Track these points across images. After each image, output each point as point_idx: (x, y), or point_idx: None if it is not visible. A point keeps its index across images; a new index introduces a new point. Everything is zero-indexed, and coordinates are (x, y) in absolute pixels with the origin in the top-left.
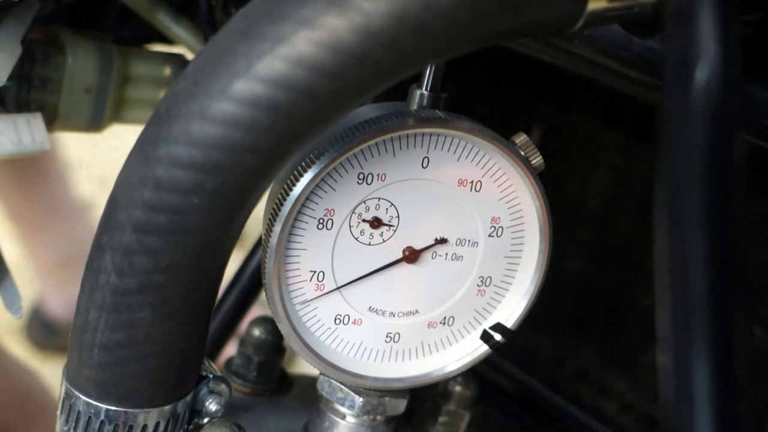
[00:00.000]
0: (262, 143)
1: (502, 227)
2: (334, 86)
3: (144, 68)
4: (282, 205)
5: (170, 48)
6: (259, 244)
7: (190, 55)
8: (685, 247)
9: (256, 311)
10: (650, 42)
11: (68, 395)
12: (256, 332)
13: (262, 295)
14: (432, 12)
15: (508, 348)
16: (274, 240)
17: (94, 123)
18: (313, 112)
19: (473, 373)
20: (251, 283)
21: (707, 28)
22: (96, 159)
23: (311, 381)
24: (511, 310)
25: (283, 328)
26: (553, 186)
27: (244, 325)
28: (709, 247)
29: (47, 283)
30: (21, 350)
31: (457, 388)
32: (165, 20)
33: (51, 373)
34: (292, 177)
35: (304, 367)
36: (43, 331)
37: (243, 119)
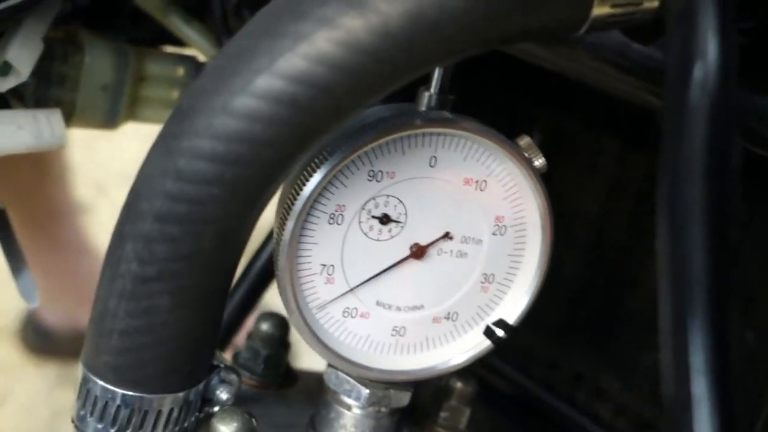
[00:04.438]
0: (282, 137)
1: (505, 226)
2: (352, 83)
3: (158, 68)
4: (295, 201)
5: (180, 50)
6: (268, 241)
7: (201, 57)
8: (683, 241)
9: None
10: (648, 50)
11: (86, 380)
12: (264, 326)
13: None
14: (446, 14)
15: (506, 350)
16: (287, 235)
17: (110, 120)
18: (331, 108)
19: (472, 374)
20: (260, 277)
21: (707, 31)
22: (93, 164)
23: (315, 376)
24: (513, 306)
25: (294, 319)
26: (550, 190)
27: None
28: (707, 241)
29: (42, 288)
30: (15, 354)
31: (459, 385)
32: (177, 22)
33: (45, 377)
34: (304, 174)
35: (306, 364)
36: (37, 336)
37: (264, 114)
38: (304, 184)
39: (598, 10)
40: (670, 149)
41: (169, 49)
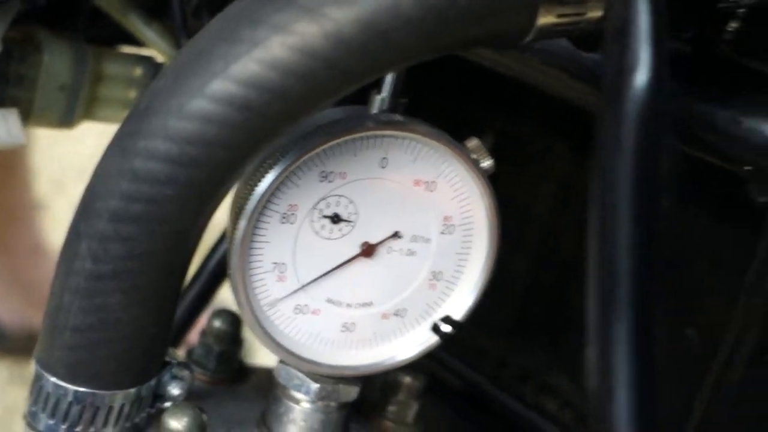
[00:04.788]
0: (235, 139)
1: (453, 225)
2: (305, 88)
3: (116, 68)
4: (248, 200)
5: (139, 50)
6: (222, 240)
7: (160, 57)
8: (612, 242)
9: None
10: (596, 56)
11: (38, 377)
12: (217, 323)
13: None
14: (399, 21)
15: (456, 347)
16: (239, 234)
17: (67, 120)
18: (284, 112)
19: (423, 370)
20: (214, 275)
21: (641, 43)
22: (50, 160)
23: (266, 372)
24: (459, 303)
25: (246, 316)
26: (501, 193)
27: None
28: (635, 243)
29: None
30: None
31: (407, 379)
32: (136, 23)
33: None
34: (257, 174)
35: (258, 360)
36: None
37: (218, 117)
38: (257, 184)
39: (544, 20)
40: (603, 156)
41: (128, 49)
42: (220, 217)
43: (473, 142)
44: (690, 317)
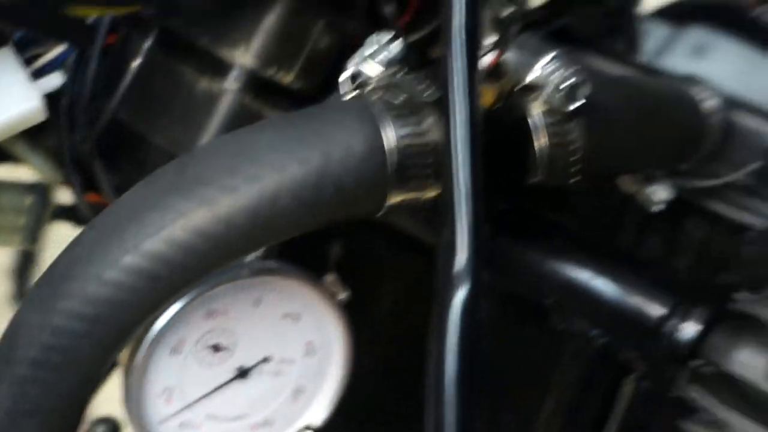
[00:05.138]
0: (144, 303)
1: (314, 348)
2: (201, 262)
3: (8, 199)
4: (145, 337)
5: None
6: None
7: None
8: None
9: None
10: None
11: None
12: (99, 430)
13: None
14: (278, 210)
15: None
16: (137, 363)
17: None
18: (184, 281)
19: None
20: None
21: (465, 266)
22: None
23: None
24: (318, 412)
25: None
26: (355, 292)
27: None
28: (457, 407)
29: None
30: None
31: None
32: (23, 149)
33: None
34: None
35: None
36: None
37: (130, 285)
38: (153, 323)
39: (392, 200)
40: (434, 340)
41: (6, 167)
42: None
43: (331, 278)
44: (507, 403)
